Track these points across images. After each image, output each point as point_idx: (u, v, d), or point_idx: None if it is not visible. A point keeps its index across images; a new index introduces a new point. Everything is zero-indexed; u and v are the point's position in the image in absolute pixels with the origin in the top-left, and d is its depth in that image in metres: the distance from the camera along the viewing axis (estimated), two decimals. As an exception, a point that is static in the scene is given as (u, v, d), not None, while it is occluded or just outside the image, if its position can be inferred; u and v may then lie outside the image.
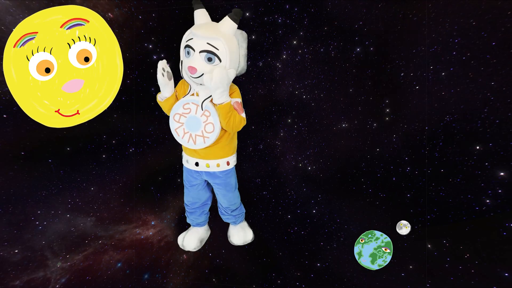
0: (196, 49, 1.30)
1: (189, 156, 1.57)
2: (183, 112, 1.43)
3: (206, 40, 1.29)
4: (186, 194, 1.76)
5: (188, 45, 1.32)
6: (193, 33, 1.33)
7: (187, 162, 1.59)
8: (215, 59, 1.30)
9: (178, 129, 1.46)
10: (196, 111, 1.41)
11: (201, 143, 1.45)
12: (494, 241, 1.70)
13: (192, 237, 1.88)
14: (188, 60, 1.33)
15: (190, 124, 1.43)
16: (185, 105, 1.42)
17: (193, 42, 1.30)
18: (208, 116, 1.41)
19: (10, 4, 1.68)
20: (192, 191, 1.71)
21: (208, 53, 1.29)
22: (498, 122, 1.65)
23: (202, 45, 1.29)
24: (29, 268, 1.96)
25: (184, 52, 1.35)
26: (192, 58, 1.31)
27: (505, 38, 1.60)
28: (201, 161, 1.54)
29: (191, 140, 1.45)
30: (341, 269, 2.00)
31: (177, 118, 1.45)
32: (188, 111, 1.42)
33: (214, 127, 1.42)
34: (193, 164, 1.56)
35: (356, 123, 2.04)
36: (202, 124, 1.42)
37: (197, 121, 1.42)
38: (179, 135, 1.47)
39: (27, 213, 1.96)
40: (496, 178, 1.67)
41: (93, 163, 2.14)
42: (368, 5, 1.87)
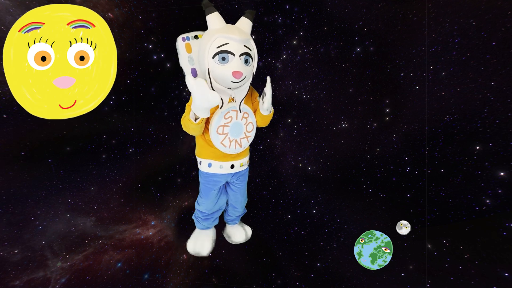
0: (236, 53, 1.28)
1: (223, 161, 1.52)
2: (225, 123, 1.40)
3: (243, 43, 1.30)
4: (205, 203, 1.69)
5: (225, 51, 1.28)
6: (227, 37, 1.29)
7: (221, 167, 1.53)
8: (250, 60, 1.34)
9: (224, 141, 1.43)
10: (237, 117, 1.41)
11: (245, 144, 1.49)
12: (494, 241, 1.70)
13: (205, 242, 1.82)
14: (226, 66, 1.29)
15: (234, 130, 1.43)
16: (226, 114, 1.38)
17: (231, 47, 1.28)
18: (247, 117, 1.45)
19: (10, 4, 1.69)
20: (214, 198, 1.66)
21: (246, 55, 1.31)
22: (498, 122, 1.65)
23: (241, 48, 1.29)
24: (29, 268, 1.96)
25: (217, 59, 1.29)
26: (232, 63, 1.29)
27: (505, 38, 1.60)
28: (236, 162, 1.54)
29: (237, 145, 1.46)
30: (341, 269, 2.00)
31: (220, 131, 1.41)
32: (230, 119, 1.40)
33: (253, 125, 1.48)
34: (228, 168, 1.53)
35: (356, 123, 2.04)
36: (244, 126, 1.45)
37: (239, 126, 1.43)
38: (226, 145, 1.44)
39: (27, 213, 1.96)
40: (496, 178, 1.67)
41: (93, 163, 2.13)
42: (368, 5, 1.87)
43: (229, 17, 1.37)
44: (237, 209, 1.77)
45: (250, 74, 1.38)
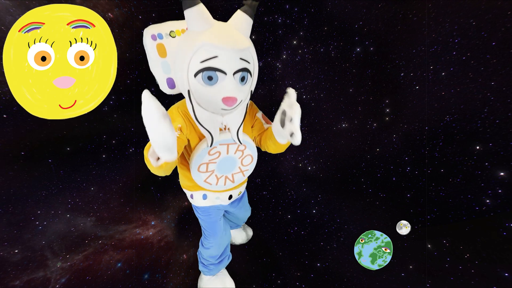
0: (228, 71, 0.89)
1: (219, 192, 1.23)
2: (210, 160, 1.05)
3: (239, 55, 0.90)
4: (213, 242, 1.37)
5: (212, 68, 0.87)
6: (216, 47, 0.87)
7: (218, 198, 1.24)
8: (248, 77, 0.95)
9: (209, 179, 1.10)
10: (227, 151, 1.06)
11: (240, 179, 1.19)
12: (494, 241, 1.70)
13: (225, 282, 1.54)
14: (215, 88, 0.90)
15: (223, 167, 1.10)
16: (211, 150, 1.04)
17: (221, 62, 0.87)
18: (243, 150, 1.10)
19: (10, 4, 1.68)
20: (221, 229, 1.38)
21: (243, 72, 0.93)
22: (498, 122, 1.65)
23: (236, 63, 0.90)
24: (29, 268, 1.95)
25: (201, 78, 0.89)
26: (223, 83, 0.90)
27: (505, 38, 1.59)
28: (234, 191, 1.27)
29: (228, 181, 1.16)
30: (341, 269, 1.99)
31: (203, 169, 1.07)
32: (217, 155, 1.05)
33: (252, 158, 1.15)
34: (226, 199, 1.25)
35: (356, 123, 2.04)
36: (238, 160, 1.11)
37: (232, 160, 1.10)
38: (212, 183, 1.12)
39: (27, 213, 1.96)
40: (496, 178, 1.67)
41: (93, 163, 2.13)
42: (368, 5, 1.87)
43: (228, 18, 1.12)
44: (241, 223, 1.72)
45: (248, 95, 1.02)
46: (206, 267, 1.47)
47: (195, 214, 1.36)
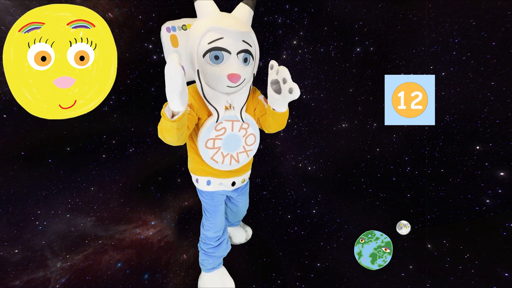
0: (232, 50, 1.03)
1: (223, 178, 1.29)
2: (217, 135, 1.15)
3: (241, 37, 1.05)
4: (212, 224, 1.42)
5: (218, 48, 1.02)
6: (221, 29, 1.02)
7: (221, 184, 1.30)
8: (250, 59, 1.09)
9: (216, 156, 1.19)
10: (232, 128, 1.16)
11: (244, 159, 1.25)
12: (494, 241, 1.70)
13: (225, 280, 1.55)
14: (220, 66, 1.04)
15: (228, 144, 1.18)
16: (218, 125, 1.14)
17: (226, 43, 1.02)
18: (247, 128, 1.19)
19: (10, 4, 1.68)
20: (222, 213, 1.44)
21: (246, 53, 1.07)
22: (498, 122, 1.65)
23: (239, 44, 1.04)
24: (29, 268, 1.95)
25: (209, 57, 1.03)
26: (228, 63, 1.04)
27: (505, 38, 1.60)
28: (237, 178, 1.33)
29: (233, 161, 1.22)
30: (341, 269, 1.99)
31: (210, 145, 1.16)
32: (223, 131, 1.15)
33: (255, 137, 1.23)
34: (229, 185, 1.31)
35: (356, 123, 2.04)
36: (242, 139, 1.20)
37: (236, 138, 1.18)
38: (218, 161, 1.20)
39: (27, 213, 1.96)
40: (496, 178, 1.67)
41: (93, 163, 2.13)
42: (368, 5, 1.87)
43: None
44: (239, 218, 1.74)
45: (250, 76, 1.14)
46: (206, 253, 1.51)
47: (199, 197, 1.45)
